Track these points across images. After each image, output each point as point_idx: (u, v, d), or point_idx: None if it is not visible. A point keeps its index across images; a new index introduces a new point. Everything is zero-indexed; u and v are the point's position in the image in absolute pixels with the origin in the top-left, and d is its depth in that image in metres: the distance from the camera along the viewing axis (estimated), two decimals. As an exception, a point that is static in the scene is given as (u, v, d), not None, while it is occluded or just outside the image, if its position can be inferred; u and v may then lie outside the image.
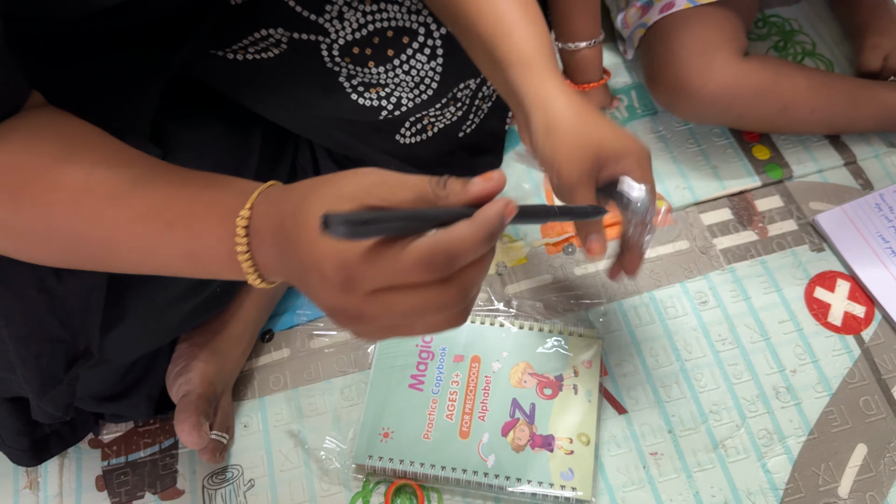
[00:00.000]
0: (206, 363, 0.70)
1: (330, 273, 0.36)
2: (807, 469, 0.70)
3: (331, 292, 0.37)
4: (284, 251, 0.40)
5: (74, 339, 0.56)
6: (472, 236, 0.36)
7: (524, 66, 0.57)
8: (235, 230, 0.41)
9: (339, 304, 0.38)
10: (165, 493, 0.74)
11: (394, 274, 0.35)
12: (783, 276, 0.81)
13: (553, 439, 0.71)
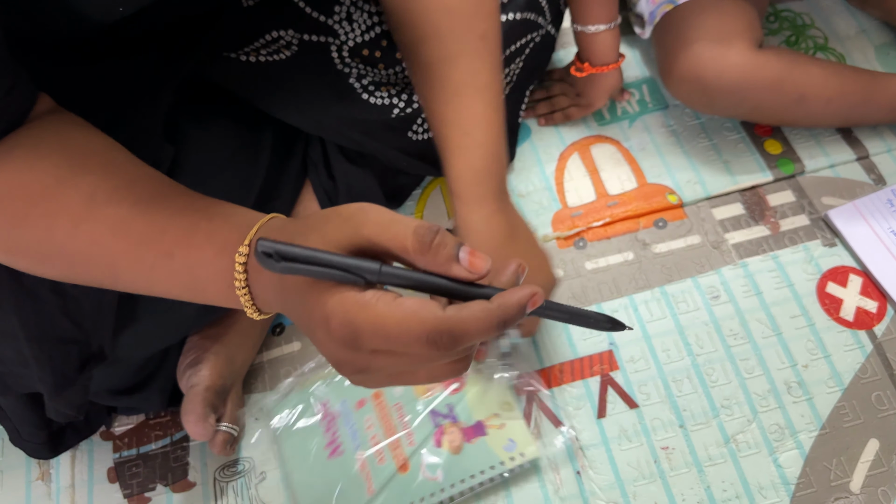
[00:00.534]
0: (217, 356, 0.70)
1: (336, 329, 0.35)
2: (818, 464, 0.70)
3: (335, 347, 0.36)
4: (286, 297, 0.39)
5: (87, 339, 0.56)
6: (484, 322, 0.34)
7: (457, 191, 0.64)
8: (234, 265, 0.40)
9: (342, 358, 0.37)
10: (177, 485, 0.74)
11: (397, 343, 0.34)
12: (795, 271, 0.81)
13: (482, 424, 0.72)
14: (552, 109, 0.93)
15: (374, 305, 0.35)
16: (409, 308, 0.34)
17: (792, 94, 0.81)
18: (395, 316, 0.34)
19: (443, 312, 0.34)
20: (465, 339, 0.34)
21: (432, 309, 0.34)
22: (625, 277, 0.82)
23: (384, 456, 0.70)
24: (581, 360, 0.77)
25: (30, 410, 0.68)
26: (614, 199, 0.87)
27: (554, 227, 0.85)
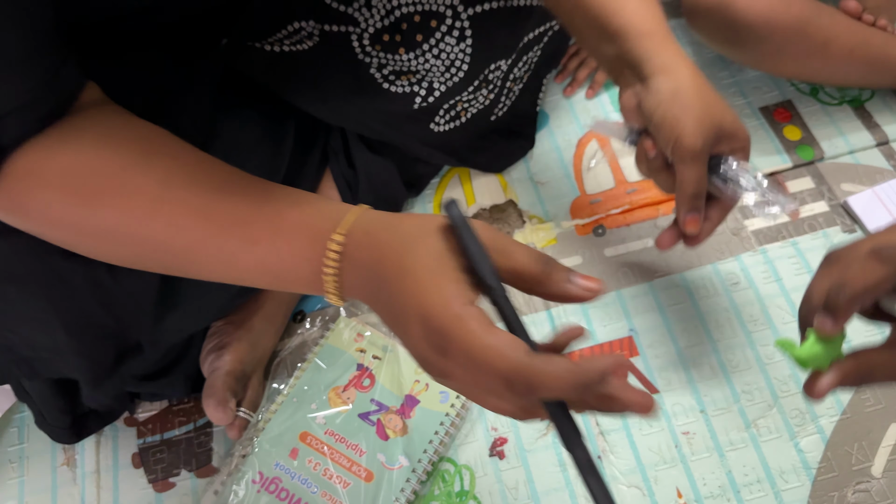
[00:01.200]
0: (240, 341, 0.71)
1: (430, 332, 0.37)
2: (840, 448, 0.70)
3: (425, 348, 0.38)
4: (379, 287, 0.40)
5: (125, 333, 0.56)
6: (564, 380, 0.35)
7: (645, 35, 0.58)
8: (325, 252, 0.41)
9: (428, 358, 0.39)
10: (201, 471, 0.74)
11: (477, 370, 0.36)
12: (815, 257, 0.81)
13: (410, 396, 0.74)
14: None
15: (468, 322, 0.36)
16: (499, 341, 0.36)
17: (817, 38, 0.80)
18: (483, 343, 0.36)
19: (527, 358, 0.35)
20: (540, 391, 0.35)
21: (519, 351, 0.35)
22: (644, 264, 0.82)
23: (345, 479, 0.70)
24: (601, 346, 0.77)
25: (55, 395, 0.68)
26: (633, 186, 0.87)
27: (573, 214, 0.86)
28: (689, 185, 0.58)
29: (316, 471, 0.70)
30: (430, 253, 0.39)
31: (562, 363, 0.35)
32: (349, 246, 0.41)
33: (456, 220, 0.39)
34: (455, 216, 0.40)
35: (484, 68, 0.74)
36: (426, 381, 0.74)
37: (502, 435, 0.73)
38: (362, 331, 0.78)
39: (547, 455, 0.72)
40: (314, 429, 0.72)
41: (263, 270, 0.44)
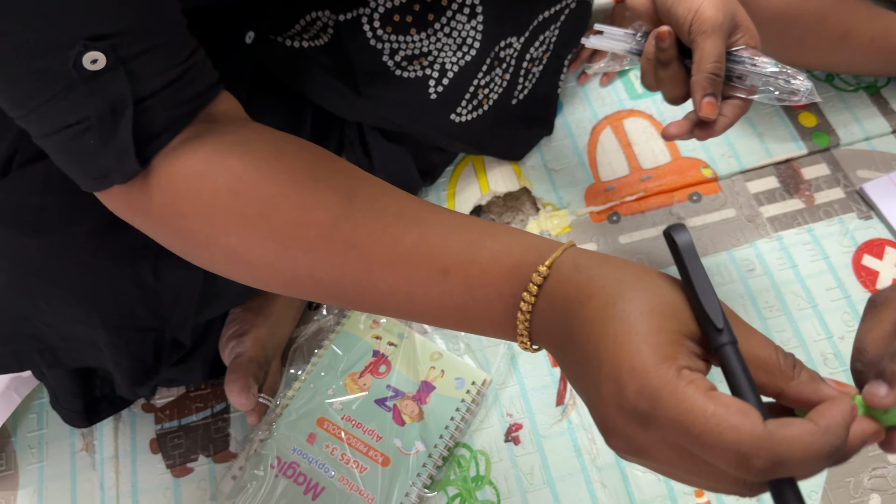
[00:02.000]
0: (259, 327, 0.72)
1: (630, 395, 0.30)
2: (856, 434, 0.70)
3: (618, 416, 0.31)
4: (574, 332, 0.34)
5: (163, 329, 0.57)
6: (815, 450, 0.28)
7: None
8: (527, 286, 0.36)
9: (621, 430, 0.32)
10: (219, 456, 0.75)
11: (700, 446, 0.29)
12: (830, 243, 0.80)
13: (426, 382, 0.74)
14: None
15: (685, 389, 0.29)
16: (728, 410, 0.29)
17: (837, 28, 0.79)
18: (708, 413, 0.29)
19: (763, 427, 0.28)
20: (786, 466, 0.28)
21: (753, 419, 0.29)
22: (659, 252, 0.82)
23: (362, 464, 0.70)
24: (616, 333, 0.77)
25: (68, 379, 0.69)
26: (648, 174, 0.87)
27: (587, 201, 0.86)
28: (709, 59, 0.53)
29: (333, 455, 0.70)
30: (650, 300, 0.32)
31: (804, 427, 0.29)
32: (552, 280, 0.36)
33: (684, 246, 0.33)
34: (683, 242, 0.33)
35: (495, 44, 0.74)
36: (441, 367, 0.75)
37: (517, 421, 0.74)
38: (378, 318, 0.78)
39: (562, 440, 0.72)
40: (331, 414, 0.73)
41: (451, 306, 0.39)
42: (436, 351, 0.76)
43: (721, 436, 0.28)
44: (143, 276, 0.53)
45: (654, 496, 0.69)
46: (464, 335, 0.78)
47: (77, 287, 0.53)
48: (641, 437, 0.31)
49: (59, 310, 0.54)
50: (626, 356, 0.31)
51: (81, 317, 0.54)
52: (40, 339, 0.57)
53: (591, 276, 0.35)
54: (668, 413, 0.29)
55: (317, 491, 0.69)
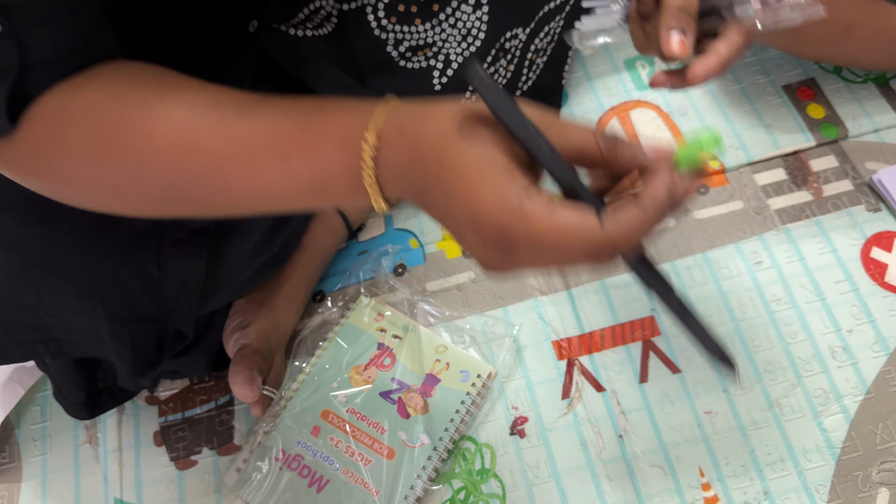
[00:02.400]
0: (263, 319, 0.71)
1: (488, 233, 0.35)
2: (864, 428, 0.70)
3: (485, 248, 0.36)
4: (424, 190, 0.38)
5: (166, 320, 0.56)
6: (642, 230, 0.34)
7: None
8: (361, 156, 0.38)
9: (491, 260, 0.37)
10: (223, 449, 0.75)
11: (554, 255, 0.34)
12: (839, 236, 0.80)
13: (431, 375, 0.73)
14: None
15: (529, 211, 0.34)
16: (567, 219, 0.34)
17: (841, 20, 0.78)
18: (551, 226, 0.34)
19: (601, 228, 0.34)
20: (623, 248, 0.34)
21: (590, 223, 0.34)
22: (666, 244, 0.81)
23: (367, 456, 0.70)
24: (622, 326, 0.77)
25: (71, 371, 0.69)
26: (654, 165, 0.86)
27: (593, 193, 0.85)
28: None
29: (338, 448, 0.70)
30: (471, 144, 0.36)
31: (632, 217, 0.34)
32: (383, 148, 0.38)
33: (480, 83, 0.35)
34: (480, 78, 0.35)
35: (500, 36, 0.74)
36: (447, 360, 0.74)
37: (523, 414, 0.73)
38: (382, 310, 0.78)
39: (568, 434, 0.72)
40: (336, 407, 0.72)
41: (303, 187, 0.41)
42: (441, 344, 0.75)
43: (568, 246, 0.34)
44: (147, 266, 0.52)
45: (660, 490, 0.68)
46: (468, 327, 0.78)
47: (80, 277, 0.52)
48: (508, 259, 0.36)
49: (63, 300, 0.54)
50: (472, 208, 0.35)
51: (85, 307, 0.54)
52: (44, 330, 0.57)
53: (415, 137, 0.37)
54: (522, 239, 0.34)
55: (321, 483, 0.69)
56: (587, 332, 0.77)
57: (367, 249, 0.84)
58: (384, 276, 0.82)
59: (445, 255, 0.83)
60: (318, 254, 0.79)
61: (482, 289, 0.81)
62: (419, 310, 0.79)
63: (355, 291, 0.81)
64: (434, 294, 0.81)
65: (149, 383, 0.62)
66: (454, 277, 0.82)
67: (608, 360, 0.75)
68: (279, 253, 0.71)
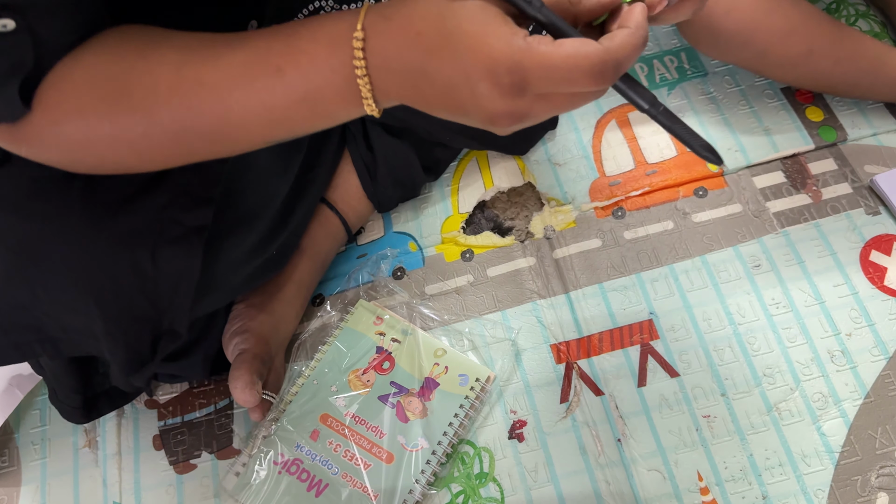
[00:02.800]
0: (262, 323, 0.71)
1: (504, 76, 0.36)
2: (863, 432, 0.70)
3: (500, 97, 0.37)
4: (424, 68, 0.39)
5: (161, 318, 0.56)
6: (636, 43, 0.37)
7: None
8: (351, 53, 0.40)
9: (504, 109, 0.38)
10: (222, 453, 0.75)
11: (565, 81, 0.36)
12: (838, 239, 0.80)
13: (428, 379, 0.73)
14: None
15: (538, 48, 0.36)
16: (573, 47, 0.36)
17: (800, 46, 0.79)
18: (561, 55, 0.36)
19: (602, 46, 0.36)
20: (626, 64, 0.37)
21: (593, 45, 0.36)
22: (665, 247, 0.81)
23: (366, 461, 0.70)
24: (620, 330, 0.77)
25: (67, 374, 0.68)
26: (653, 168, 0.86)
27: (592, 196, 0.85)
28: None
29: (337, 452, 0.70)
30: (465, 5, 0.38)
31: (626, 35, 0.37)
32: (371, 38, 0.40)
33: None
34: None
35: None
36: (445, 363, 0.74)
37: (521, 418, 0.73)
38: (381, 314, 0.78)
39: (566, 437, 0.72)
40: (335, 411, 0.72)
41: (300, 99, 0.42)
42: (440, 347, 0.76)
43: (578, 65, 0.36)
44: (142, 263, 0.52)
45: (658, 494, 0.68)
46: (467, 331, 0.78)
47: (74, 274, 0.52)
48: (520, 104, 0.38)
49: (57, 298, 0.54)
50: (484, 54, 0.37)
51: (79, 304, 0.53)
52: (41, 330, 0.57)
53: (404, 20, 0.39)
54: (535, 72, 0.36)
55: (320, 488, 0.69)
56: (585, 336, 0.77)
57: (366, 253, 0.85)
58: (383, 280, 0.82)
59: (444, 258, 0.83)
60: (317, 257, 0.79)
61: (481, 292, 0.81)
62: (418, 313, 0.79)
63: (354, 295, 0.81)
64: (433, 298, 0.81)
65: (142, 383, 0.61)
66: (453, 281, 0.82)
67: (606, 363, 0.75)
68: (277, 255, 0.71)
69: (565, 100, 0.38)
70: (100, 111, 0.43)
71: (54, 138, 0.45)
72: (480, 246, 0.83)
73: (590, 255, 0.81)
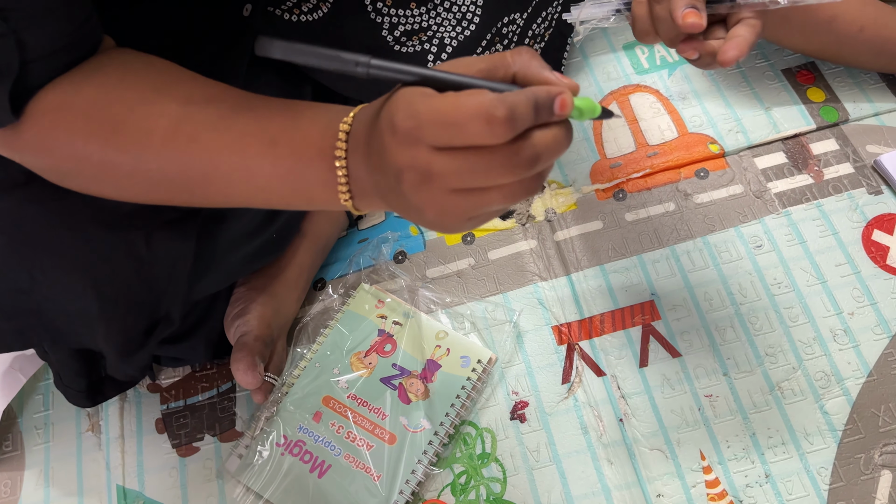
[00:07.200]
0: (264, 306, 0.71)
1: (400, 123, 0.36)
2: (866, 410, 0.70)
3: (398, 145, 0.37)
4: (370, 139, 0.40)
5: (157, 303, 0.56)
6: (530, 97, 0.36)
7: None
8: (337, 135, 0.42)
9: (407, 161, 0.37)
10: (224, 435, 0.75)
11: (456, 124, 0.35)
12: (839, 219, 0.80)
13: (432, 360, 0.74)
14: None
15: (434, 97, 0.36)
16: (466, 94, 0.36)
17: (824, 13, 0.78)
18: (452, 101, 0.36)
19: (497, 95, 0.35)
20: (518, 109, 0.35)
21: (487, 93, 0.36)
22: (666, 228, 0.81)
23: (368, 441, 0.70)
24: (622, 311, 0.77)
25: (72, 357, 0.69)
26: (654, 150, 0.86)
27: (593, 178, 0.85)
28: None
29: (339, 433, 0.70)
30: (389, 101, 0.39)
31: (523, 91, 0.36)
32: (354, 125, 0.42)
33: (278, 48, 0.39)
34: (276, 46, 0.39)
35: (497, 21, 0.73)
36: (447, 346, 0.74)
37: (523, 398, 0.73)
38: (383, 297, 0.78)
39: (568, 418, 0.72)
40: (337, 393, 0.72)
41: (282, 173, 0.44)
42: (441, 330, 0.76)
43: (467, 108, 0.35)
44: (136, 246, 0.53)
45: (661, 473, 0.68)
46: (469, 313, 0.78)
47: (71, 256, 0.52)
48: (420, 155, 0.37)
49: (55, 280, 0.54)
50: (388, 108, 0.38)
51: (76, 287, 0.54)
52: (41, 315, 0.57)
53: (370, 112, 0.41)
54: (427, 116, 0.36)
55: (323, 468, 0.69)
56: (587, 317, 0.77)
57: (367, 237, 0.84)
58: (384, 264, 0.82)
59: (445, 242, 0.83)
60: (318, 241, 0.79)
61: (482, 275, 0.80)
62: (420, 296, 0.79)
63: (356, 279, 0.81)
64: (434, 281, 0.81)
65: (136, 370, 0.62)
66: (454, 264, 0.82)
67: (608, 344, 0.75)
68: (277, 239, 0.71)
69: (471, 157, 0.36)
70: (92, 142, 0.45)
71: (41, 157, 0.46)
72: (481, 230, 0.83)
73: (591, 237, 0.81)
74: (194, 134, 0.44)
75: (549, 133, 0.36)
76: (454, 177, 0.36)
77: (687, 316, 0.76)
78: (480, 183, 0.37)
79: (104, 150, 0.45)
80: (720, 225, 0.80)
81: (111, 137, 0.44)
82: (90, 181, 0.48)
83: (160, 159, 0.44)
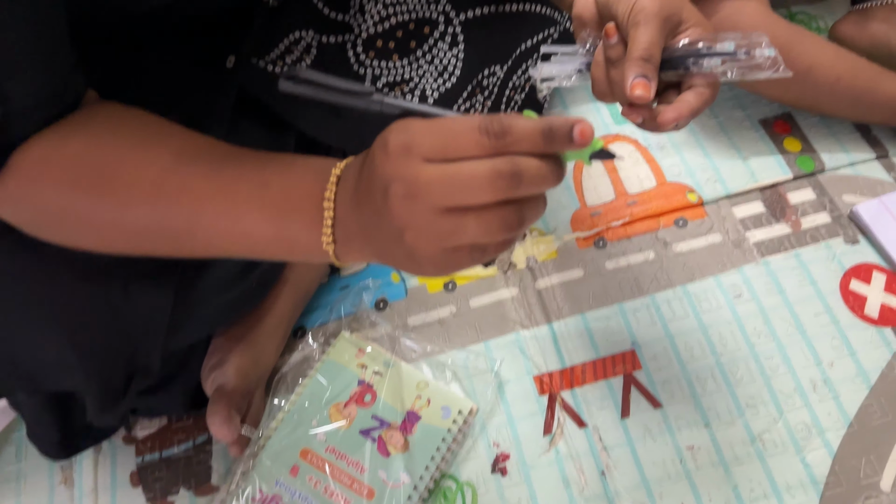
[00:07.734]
0: (242, 356, 0.70)
1: (392, 139, 0.37)
2: (847, 462, 0.69)
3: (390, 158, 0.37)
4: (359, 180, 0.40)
5: (134, 352, 0.56)
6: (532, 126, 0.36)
7: None
8: (329, 178, 0.42)
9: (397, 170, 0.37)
10: (200, 489, 0.74)
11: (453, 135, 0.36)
12: (818, 268, 0.80)
13: (412, 412, 0.73)
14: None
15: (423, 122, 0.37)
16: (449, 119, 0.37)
17: (801, 62, 0.80)
18: (448, 120, 0.37)
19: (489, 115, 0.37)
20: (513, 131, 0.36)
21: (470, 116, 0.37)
22: (646, 277, 0.81)
23: (346, 497, 0.68)
24: (603, 361, 0.77)
25: (44, 409, 0.67)
26: (634, 198, 0.86)
27: (573, 226, 0.85)
28: (639, 46, 0.51)
29: (317, 488, 0.69)
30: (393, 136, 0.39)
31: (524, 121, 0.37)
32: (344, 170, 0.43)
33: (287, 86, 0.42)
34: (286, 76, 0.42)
35: (477, 73, 0.74)
36: (427, 396, 0.74)
37: (504, 451, 0.72)
38: (364, 346, 0.77)
39: (550, 471, 0.71)
40: (315, 445, 0.71)
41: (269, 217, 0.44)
42: (422, 380, 0.75)
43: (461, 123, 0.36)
44: (113, 297, 0.52)
45: (643, 527, 0.68)
46: (450, 362, 0.77)
47: (47, 308, 0.52)
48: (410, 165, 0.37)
49: (31, 330, 0.53)
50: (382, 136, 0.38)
51: (52, 339, 0.53)
52: (16, 365, 0.56)
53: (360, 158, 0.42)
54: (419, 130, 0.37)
55: None
56: (568, 367, 0.77)
57: (348, 284, 0.84)
58: (365, 311, 0.82)
59: (427, 289, 0.83)
60: (299, 289, 0.79)
61: (464, 323, 0.80)
62: (400, 345, 0.79)
63: (336, 327, 0.81)
64: (415, 329, 0.80)
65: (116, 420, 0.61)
66: (435, 312, 0.81)
67: (589, 394, 0.75)
68: (258, 287, 0.71)
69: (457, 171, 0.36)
70: (78, 191, 0.45)
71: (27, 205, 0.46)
72: (463, 277, 0.83)
73: (572, 285, 0.81)
74: (185, 183, 0.44)
75: (535, 160, 0.36)
76: (439, 188, 0.36)
77: (668, 365, 0.76)
78: (463, 198, 0.36)
79: (90, 199, 0.44)
80: (700, 274, 0.81)
81: (98, 185, 0.44)
82: (72, 232, 0.47)
83: (147, 206, 0.44)
